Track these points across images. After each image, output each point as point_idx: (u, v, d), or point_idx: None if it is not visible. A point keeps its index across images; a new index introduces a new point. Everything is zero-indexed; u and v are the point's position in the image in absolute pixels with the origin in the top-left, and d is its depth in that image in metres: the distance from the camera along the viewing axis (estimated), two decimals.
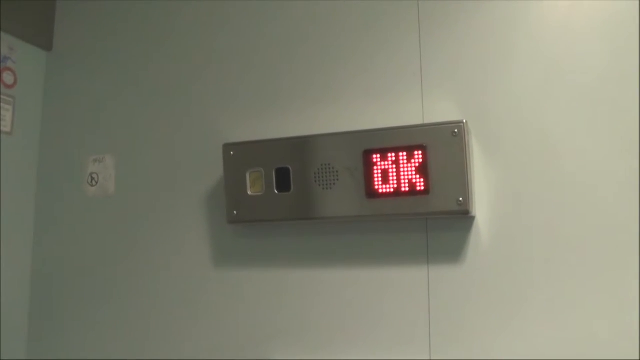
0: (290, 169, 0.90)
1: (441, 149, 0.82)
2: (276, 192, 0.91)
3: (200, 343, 1.00)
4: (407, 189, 0.83)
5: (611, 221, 0.79)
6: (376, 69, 0.94)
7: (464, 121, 0.82)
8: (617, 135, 0.80)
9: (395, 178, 0.84)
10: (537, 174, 0.83)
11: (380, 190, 0.85)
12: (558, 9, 0.85)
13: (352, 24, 0.97)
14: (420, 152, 0.83)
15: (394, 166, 0.84)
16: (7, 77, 1.12)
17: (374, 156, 0.85)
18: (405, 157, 0.84)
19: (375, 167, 0.85)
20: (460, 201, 0.81)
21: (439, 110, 0.89)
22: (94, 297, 1.09)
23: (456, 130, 0.82)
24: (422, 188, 0.83)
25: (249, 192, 0.92)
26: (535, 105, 0.85)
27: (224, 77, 1.04)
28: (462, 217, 0.85)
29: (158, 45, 1.11)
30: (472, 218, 0.86)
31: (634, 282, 0.77)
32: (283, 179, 0.90)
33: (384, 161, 0.85)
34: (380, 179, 0.85)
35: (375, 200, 0.85)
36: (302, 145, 0.90)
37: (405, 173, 0.84)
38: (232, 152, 0.94)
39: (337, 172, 0.87)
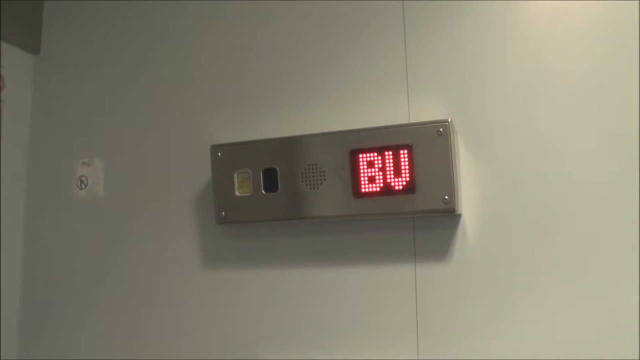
0: (278, 169, 0.90)
1: (427, 148, 0.83)
2: (264, 192, 0.91)
3: (190, 344, 1.00)
4: (394, 188, 0.84)
5: (599, 220, 0.80)
6: (362, 69, 0.94)
7: (449, 120, 0.83)
8: (604, 135, 0.81)
9: (381, 177, 0.85)
10: (523, 172, 0.84)
11: (367, 190, 0.85)
12: (545, 9, 0.86)
13: (337, 25, 0.97)
14: (406, 152, 0.83)
15: (380, 165, 0.85)
16: None
17: (361, 156, 0.86)
18: (391, 157, 0.84)
19: (361, 167, 0.86)
20: (446, 199, 0.82)
21: (425, 110, 0.90)
22: (84, 299, 1.09)
23: (441, 130, 0.83)
24: (408, 187, 0.83)
25: (237, 193, 0.93)
26: (521, 105, 0.85)
27: (211, 79, 1.05)
28: (449, 216, 0.85)
29: (146, 48, 1.11)
30: (459, 216, 0.86)
31: (622, 281, 0.78)
32: (270, 180, 0.91)
33: (371, 161, 0.85)
34: (366, 178, 0.85)
35: (362, 200, 0.85)
36: (289, 146, 0.90)
37: (392, 172, 0.84)
38: (219, 154, 0.94)
39: (324, 172, 0.88)
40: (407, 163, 0.83)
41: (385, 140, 0.85)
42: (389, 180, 0.84)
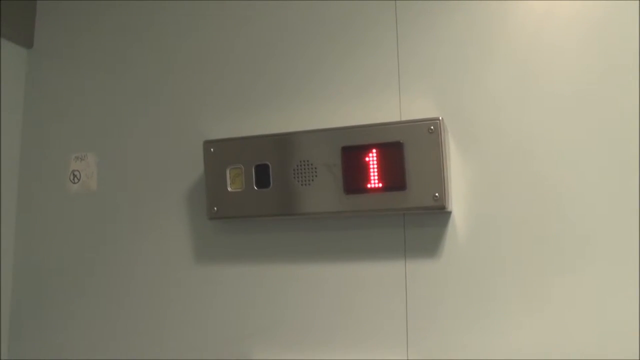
0: (270, 165, 0.91)
1: (417, 145, 0.84)
2: (256, 188, 0.92)
3: (181, 340, 1.00)
4: (385, 185, 0.85)
5: (587, 217, 0.81)
6: (354, 67, 0.95)
7: (440, 118, 0.83)
8: (592, 133, 0.82)
9: (372, 174, 0.85)
10: (513, 170, 0.85)
11: (358, 187, 0.86)
12: (535, 10, 0.87)
13: (330, 22, 0.97)
14: (397, 149, 0.84)
15: (372, 162, 0.85)
16: None
17: (352, 153, 0.86)
18: (382, 154, 0.85)
19: (353, 164, 0.86)
20: (437, 197, 0.82)
21: (416, 107, 0.90)
22: (75, 295, 1.09)
23: (432, 127, 0.83)
24: (399, 184, 0.84)
25: (229, 189, 0.93)
26: (512, 103, 0.86)
27: (204, 75, 1.05)
28: (439, 213, 0.86)
29: (139, 43, 1.11)
30: (449, 213, 0.87)
31: (613, 278, 0.79)
32: (262, 176, 0.91)
33: (362, 158, 0.86)
34: (358, 175, 0.86)
35: (353, 196, 0.86)
36: (281, 142, 0.91)
37: (383, 169, 0.85)
38: (212, 149, 0.95)
39: (315, 168, 0.88)
40: (398, 160, 0.84)
41: (377, 138, 0.85)
42: (380, 177, 0.85)
